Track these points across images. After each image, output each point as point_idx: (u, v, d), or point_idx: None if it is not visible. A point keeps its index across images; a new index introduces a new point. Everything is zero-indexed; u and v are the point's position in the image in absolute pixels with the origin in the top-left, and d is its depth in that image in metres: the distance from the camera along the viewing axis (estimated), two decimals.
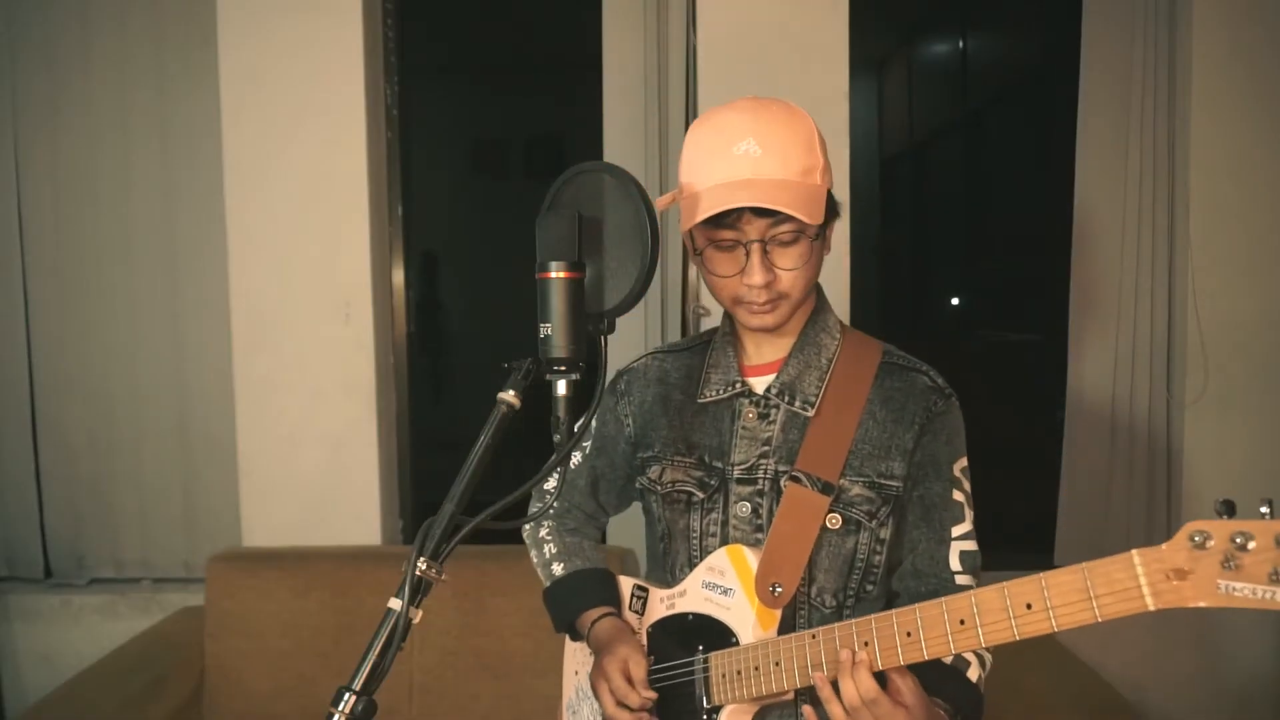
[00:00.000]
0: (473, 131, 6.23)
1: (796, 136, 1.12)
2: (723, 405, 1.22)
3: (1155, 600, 0.79)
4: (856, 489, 1.16)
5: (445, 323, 6.11)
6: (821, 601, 1.18)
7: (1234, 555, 0.75)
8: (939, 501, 1.19)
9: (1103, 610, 0.83)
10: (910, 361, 1.24)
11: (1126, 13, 2.41)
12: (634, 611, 1.27)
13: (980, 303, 5.67)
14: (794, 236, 1.11)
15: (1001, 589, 0.91)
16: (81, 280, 2.57)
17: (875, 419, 1.18)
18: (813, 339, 1.22)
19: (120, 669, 2.09)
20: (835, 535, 1.16)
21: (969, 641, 0.93)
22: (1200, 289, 2.37)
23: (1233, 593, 0.75)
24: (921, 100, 6.12)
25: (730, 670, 1.12)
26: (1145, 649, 2.43)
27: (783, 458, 1.17)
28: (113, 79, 2.50)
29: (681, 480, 1.22)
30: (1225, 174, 2.37)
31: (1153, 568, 0.79)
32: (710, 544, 1.21)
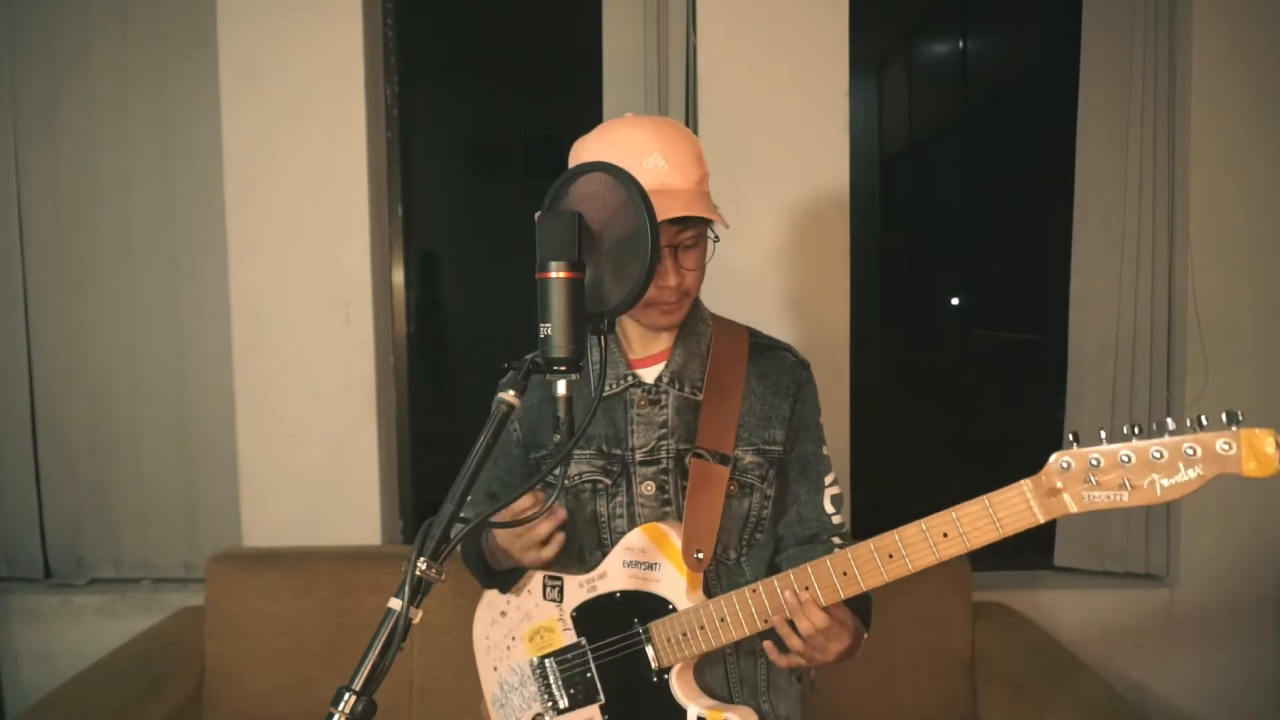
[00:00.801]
0: (473, 131, 6.23)
1: (691, 150, 1.25)
2: (614, 398, 1.33)
3: (1043, 514, 1.02)
4: (749, 457, 1.33)
5: (445, 323, 6.11)
6: (727, 556, 1.34)
7: (1091, 473, 0.98)
8: (812, 458, 1.40)
9: (1004, 528, 1.04)
10: (773, 341, 1.43)
11: (1126, 13, 2.40)
12: (550, 600, 1.36)
13: (980, 303, 5.66)
14: (695, 240, 1.26)
15: (920, 525, 1.10)
16: (81, 280, 2.56)
17: (755, 394, 1.35)
18: (692, 329, 1.36)
19: (120, 669, 2.09)
20: (734, 499, 1.33)
21: (899, 571, 1.12)
22: (1200, 289, 2.37)
23: (1094, 500, 0.98)
24: (921, 100, 6.11)
25: (675, 634, 1.26)
26: (1145, 649, 2.44)
27: (681, 437, 1.32)
28: (113, 79, 2.50)
29: (586, 471, 1.33)
30: (1225, 174, 2.37)
31: (1037, 491, 1.02)
32: (618, 524, 1.33)
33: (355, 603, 2.17)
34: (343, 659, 2.11)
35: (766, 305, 2.33)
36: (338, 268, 2.36)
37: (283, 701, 2.16)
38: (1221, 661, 2.44)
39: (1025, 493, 1.02)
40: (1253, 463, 0.90)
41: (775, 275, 2.33)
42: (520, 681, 1.41)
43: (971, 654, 2.16)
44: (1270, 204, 2.38)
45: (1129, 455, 0.95)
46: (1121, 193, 2.44)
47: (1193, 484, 0.93)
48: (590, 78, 2.49)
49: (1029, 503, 1.02)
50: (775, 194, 2.31)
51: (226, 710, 2.18)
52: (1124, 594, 2.46)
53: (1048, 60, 4.05)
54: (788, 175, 2.31)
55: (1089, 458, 0.97)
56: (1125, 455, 0.95)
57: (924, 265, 6.35)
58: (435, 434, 3.22)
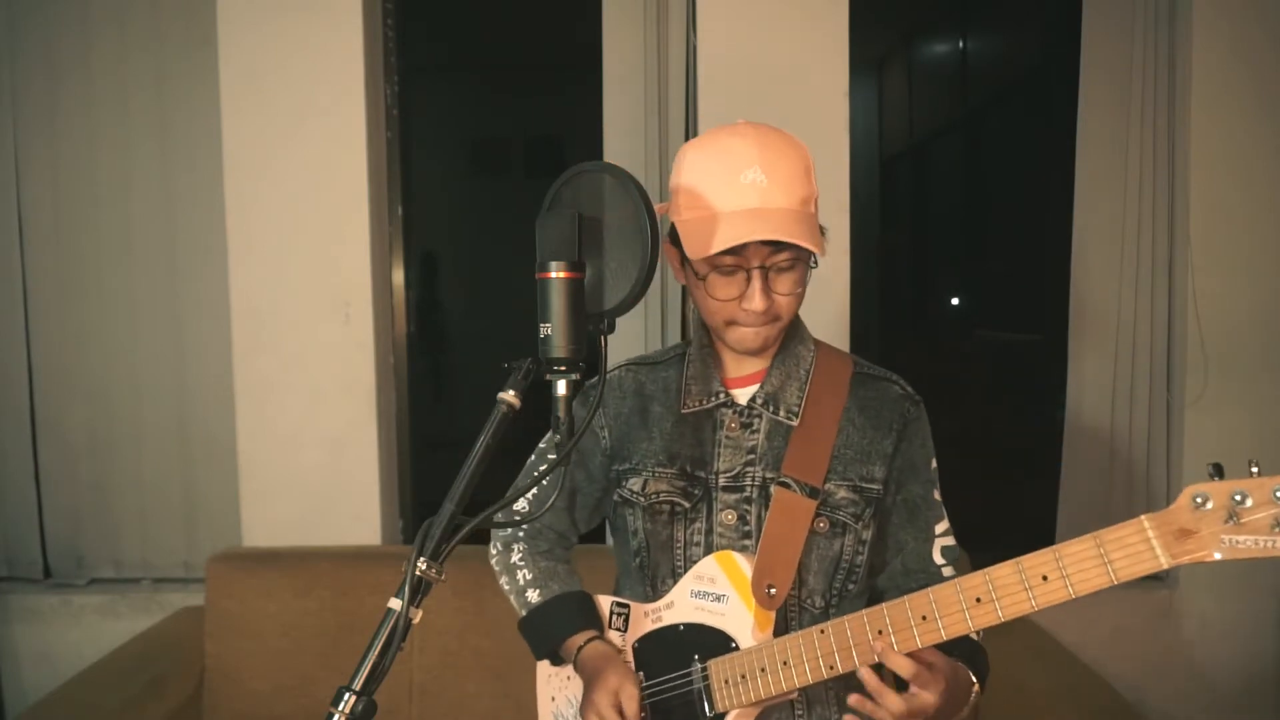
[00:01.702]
0: (473, 131, 6.23)
1: (797, 166, 1.15)
2: (704, 416, 1.24)
3: (1167, 558, 0.85)
4: (842, 492, 1.20)
5: (445, 323, 6.11)
6: (811, 603, 1.21)
7: (1235, 511, 0.81)
8: (921, 503, 1.25)
9: (1118, 573, 0.88)
10: (880, 371, 1.31)
11: (1126, 13, 2.41)
12: (615, 629, 1.27)
13: (980, 303, 5.67)
14: (791, 263, 1.16)
15: (1017, 563, 0.94)
16: (81, 280, 2.57)
17: (855, 425, 1.23)
18: (792, 351, 1.26)
19: (120, 669, 2.09)
20: (822, 538, 1.20)
21: (987, 618, 0.96)
22: (1200, 289, 2.37)
23: (1237, 545, 0.81)
24: (921, 100, 6.11)
25: (733, 675, 1.13)
26: (1146, 649, 2.44)
27: (769, 465, 1.21)
28: (113, 79, 2.50)
29: (666, 491, 1.23)
30: (1225, 174, 2.37)
31: (1161, 529, 0.85)
32: (695, 553, 1.22)
33: (355, 603, 2.17)
34: (343, 659, 2.11)
35: None
36: (338, 268, 2.36)
37: (283, 701, 2.16)
38: (1221, 662, 2.44)
39: (1147, 532, 0.86)
40: None
41: None
42: (574, 716, 1.30)
43: None
44: (1270, 204, 2.38)
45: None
46: (1121, 193, 2.44)
47: None
48: (590, 78, 2.49)
49: (1152, 545, 0.86)
50: None
51: (226, 710, 2.18)
52: (1124, 594, 2.45)
53: (1048, 60, 4.06)
54: None
55: (1232, 493, 0.82)
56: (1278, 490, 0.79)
57: (924, 265, 6.35)
58: (435, 434, 3.22)
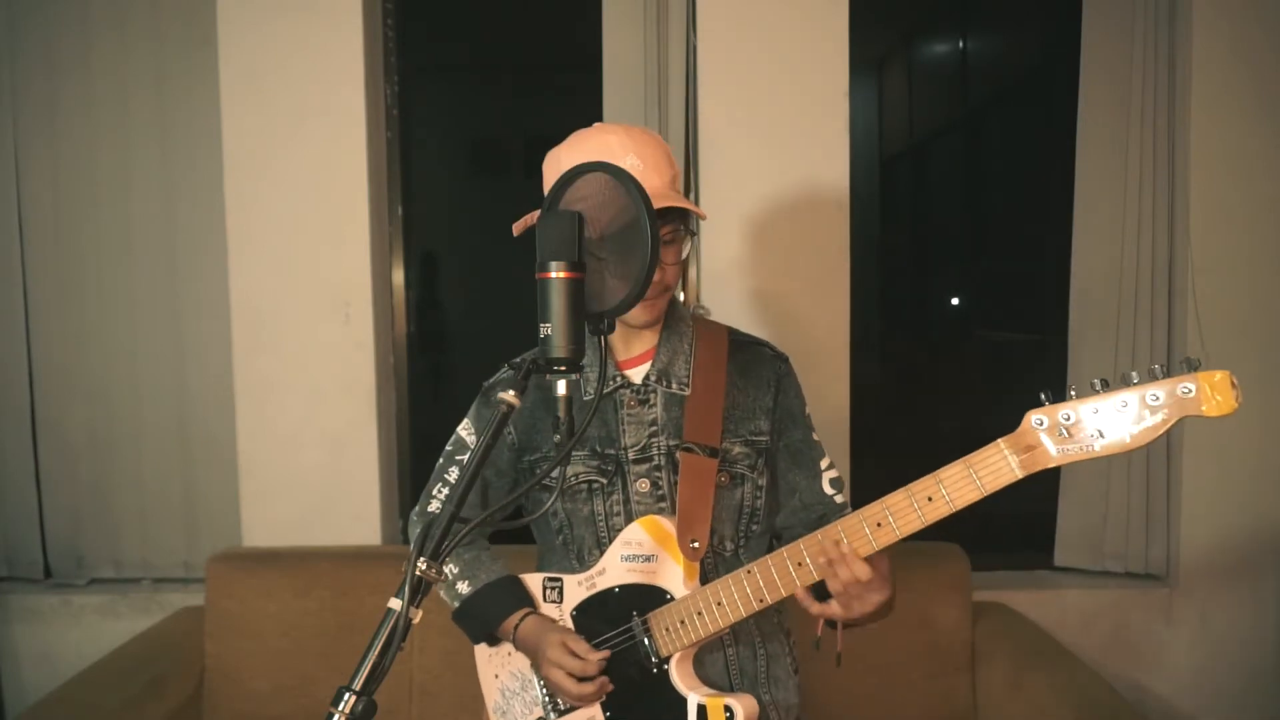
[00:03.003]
0: (473, 131, 6.23)
1: (661, 150, 1.31)
2: (604, 399, 1.37)
3: (1021, 469, 1.05)
4: (737, 448, 1.36)
5: (445, 323, 6.11)
6: (724, 548, 1.37)
7: (1064, 427, 1.03)
8: (803, 445, 1.42)
9: (986, 486, 1.07)
10: (750, 337, 1.46)
11: (1126, 13, 2.40)
12: (551, 602, 1.39)
13: (980, 303, 5.67)
14: (673, 235, 1.30)
15: (907, 490, 1.13)
16: (81, 280, 2.56)
17: (738, 388, 1.39)
18: (675, 328, 1.40)
19: (120, 669, 2.09)
20: (725, 490, 1.35)
21: (888, 538, 1.14)
22: (1200, 289, 2.37)
23: (1068, 451, 1.03)
24: (921, 100, 6.11)
25: (673, 623, 1.28)
26: (1146, 649, 2.44)
27: (671, 433, 1.35)
28: (113, 79, 2.50)
29: (583, 471, 1.36)
30: (1225, 174, 2.36)
31: (1013, 447, 1.06)
32: (615, 523, 1.35)
33: (355, 603, 2.17)
34: (343, 659, 2.11)
35: (766, 305, 2.33)
36: (338, 268, 2.36)
37: (283, 701, 2.16)
38: (1221, 661, 2.44)
39: (1003, 450, 1.06)
40: (1212, 402, 0.98)
41: (775, 275, 2.33)
42: (521, 686, 1.41)
43: (971, 654, 2.16)
44: (1270, 204, 2.38)
45: (1097, 408, 1.01)
46: (1121, 193, 2.44)
47: (1159, 428, 0.99)
48: (590, 78, 2.49)
49: (1007, 460, 1.06)
50: (775, 194, 2.31)
51: (226, 710, 2.18)
52: (1124, 594, 2.46)
53: (1048, 60, 4.06)
54: (788, 175, 2.31)
55: (1060, 413, 1.03)
56: (1094, 408, 1.01)
57: (924, 265, 6.35)
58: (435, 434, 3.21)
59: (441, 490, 1.47)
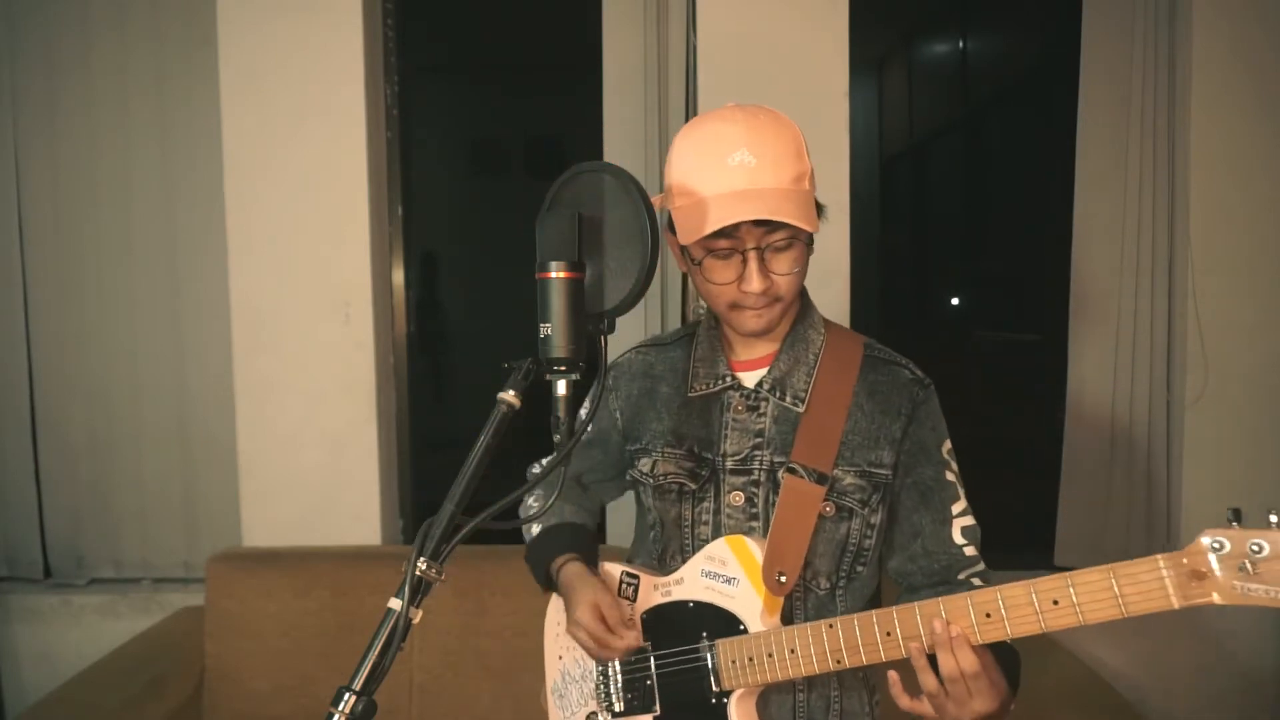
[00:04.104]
0: (473, 131, 6.23)
1: (787, 144, 1.15)
2: (711, 399, 1.26)
3: (1179, 599, 0.88)
4: (849, 478, 1.21)
5: (445, 323, 6.11)
6: (817, 585, 1.23)
7: (1250, 560, 0.83)
8: (934, 485, 1.24)
9: (1129, 608, 0.91)
10: (890, 355, 1.29)
11: (1126, 13, 2.41)
12: (624, 598, 1.30)
13: (980, 303, 5.67)
14: (788, 242, 1.16)
15: (1030, 585, 0.99)
16: (81, 280, 2.57)
17: (863, 411, 1.23)
18: (801, 335, 1.27)
19: (120, 669, 2.09)
20: (829, 522, 1.20)
21: (995, 634, 1.01)
22: (1200, 289, 2.37)
23: (1249, 594, 0.83)
24: (921, 100, 6.12)
25: (741, 657, 1.16)
26: (1145, 649, 2.43)
27: (777, 449, 1.22)
28: (113, 79, 2.50)
29: (673, 472, 1.26)
30: (1225, 174, 2.36)
31: (1176, 570, 0.88)
32: (702, 532, 1.25)
33: (355, 603, 2.17)
34: (343, 659, 2.10)
35: None
36: (338, 268, 2.36)
37: (283, 701, 2.16)
38: (1222, 662, 2.44)
39: (1161, 570, 0.88)
40: None
41: None
42: (582, 675, 1.35)
43: None
44: (1270, 204, 2.37)
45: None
46: (1121, 193, 2.44)
47: None
48: (590, 78, 2.49)
49: (1165, 583, 0.88)
50: None
51: (226, 710, 2.18)
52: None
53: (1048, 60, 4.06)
54: None
55: (1249, 543, 0.83)
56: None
57: (924, 265, 6.35)
58: (435, 434, 3.22)
59: None
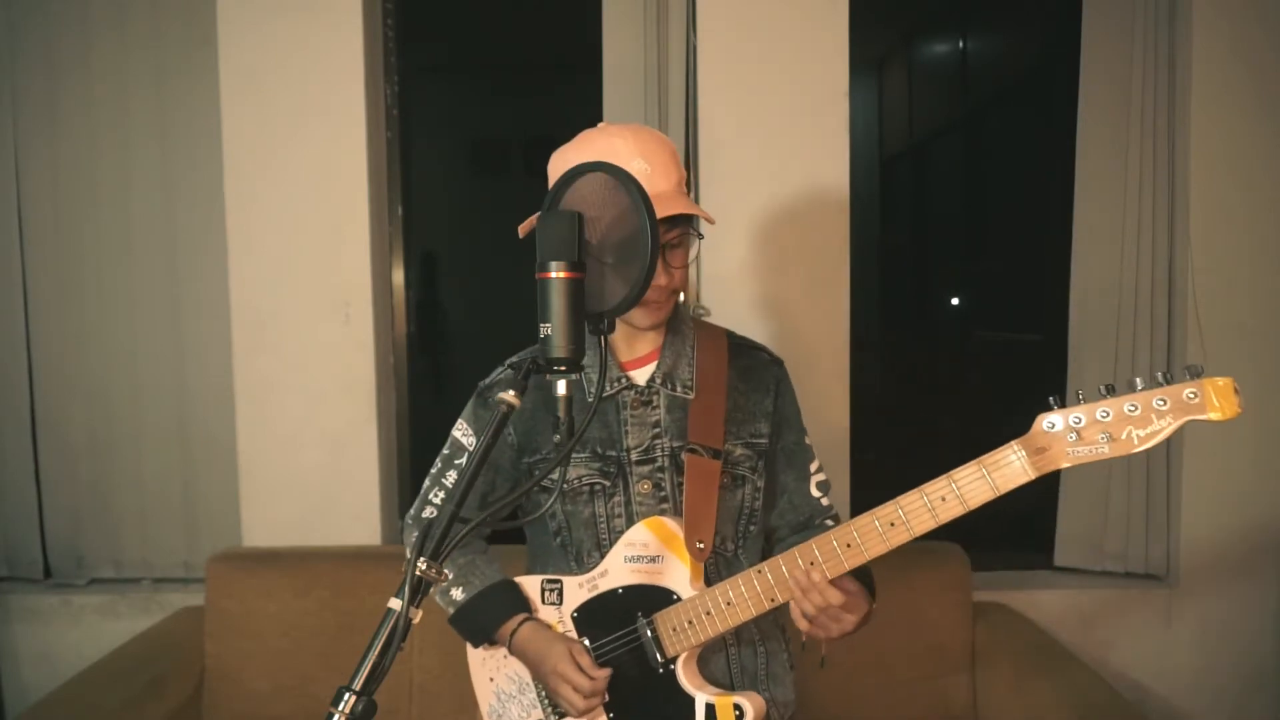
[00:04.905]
0: (473, 131, 6.22)
1: (668, 153, 1.30)
2: (607, 400, 1.37)
3: (1034, 470, 1.09)
4: (739, 450, 1.38)
5: (445, 323, 6.11)
6: (725, 548, 1.38)
7: (1074, 430, 1.07)
8: (795, 448, 1.45)
9: (999, 485, 1.11)
10: (749, 341, 1.49)
11: (1126, 13, 2.41)
12: (549, 604, 1.38)
13: (980, 303, 5.66)
14: (680, 239, 1.30)
15: (920, 491, 1.15)
16: (81, 280, 2.56)
17: (739, 390, 1.41)
18: (678, 330, 1.40)
19: (120, 669, 2.09)
20: (726, 491, 1.36)
21: (901, 537, 1.16)
22: (1200, 289, 2.37)
23: (1078, 454, 1.07)
24: (921, 100, 6.11)
25: (680, 623, 1.28)
26: (1145, 649, 2.44)
27: (674, 435, 1.35)
28: (113, 79, 2.50)
29: (585, 474, 1.36)
30: (1225, 174, 2.37)
31: (1026, 448, 1.10)
32: (616, 524, 1.35)
33: (355, 603, 2.17)
34: (343, 659, 2.11)
35: (766, 305, 2.33)
36: (338, 268, 2.36)
37: (283, 701, 2.16)
38: (1221, 661, 2.44)
39: (1016, 451, 1.11)
40: (1215, 407, 1.03)
41: (775, 275, 2.33)
42: (518, 689, 1.40)
43: (971, 654, 2.16)
44: (1270, 204, 2.38)
45: (1106, 412, 1.06)
46: (1121, 193, 2.44)
47: (1164, 431, 1.04)
48: (590, 78, 2.49)
49: (1019, 461, 1.10)
50: (775, 194, 2.31)
51: (226, 710, 2.18)
52: (1124, 594, 2.46)
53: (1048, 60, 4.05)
54: (788, 175, 2.31)
55: (1070, 416, 1.08)
56: (1103, 412, 1.06)
57: (924, 265, 6.34)
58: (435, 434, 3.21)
59: (438, 495, 1.45)
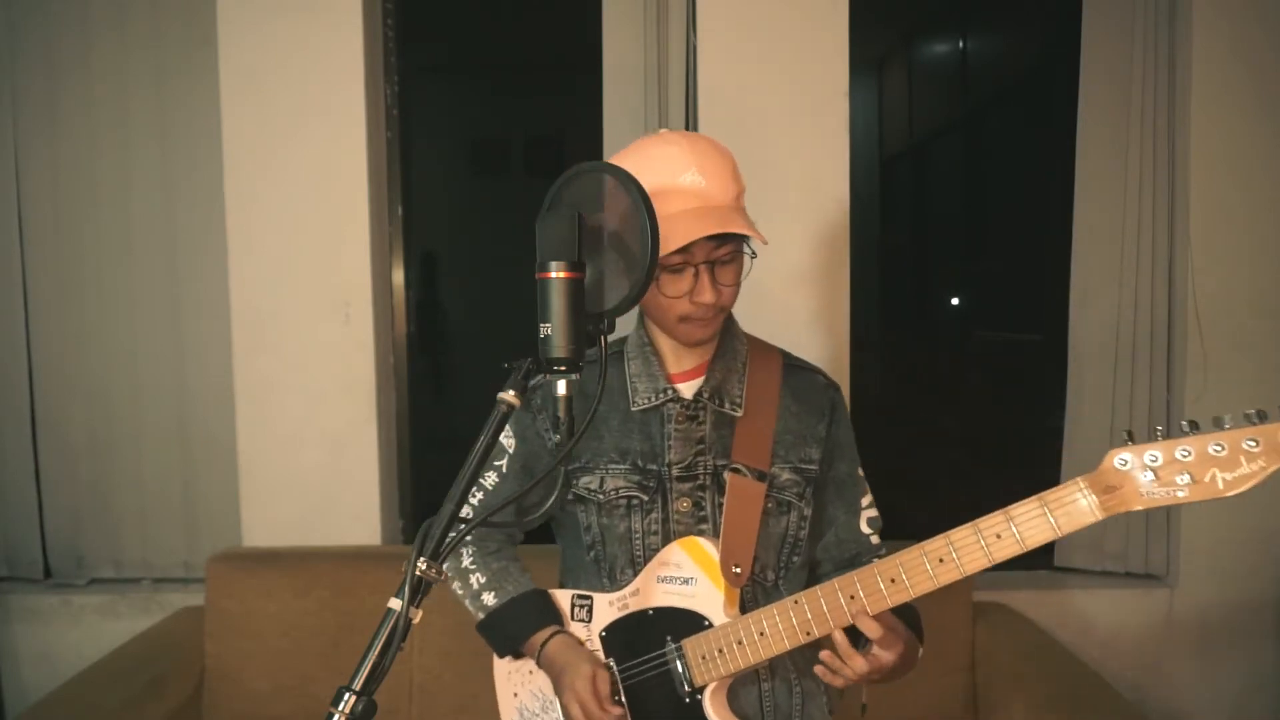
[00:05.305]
0: (473, 131, 6.23)
1: (727, 165, 1.25)
2: (651, 412, 1.31)
3: (1101, 511, 1.00)
4: (785, 474, 1.31)
5: (445, 323, 6.11)
6: (764, 577, 1.31)
7: (1148, 470, 0.97)
8: (847, 480, 1.38)
9: (1061, 527, 1.02)
10: (804, 362, 1.42)
11: (1126, 13, 2.40)
12: (579, 621, 1.32)
13: (980, 303, 5.66)
14: (732, 256, 1.25)
15: (973, 525, 1.07)
16: (81, 280, 2.56)
17: (790, 412, 1.34)
18: (730, 346, 1.35)
19: (120, 669, 2.09)
20: (771, 517, 1.29)
21: (950, 575, 1.08)
22: (1200, 289, 2.37)
23: (1153, 496, 0.97)
24: (921, 100, 6.11)
25: (710, 651, 1.21)
26: (1145, 649, 2.44)
27: (719, 453, 1.29)
28: (113, 79, 2.50)
29: (623, 486, 1.30)
30: (1225, 174, 2.36)
31: (1094, 487, 1.00)
32: (653, 542, 1.29)
33: (355, 603, 2.17)
34: (343, 659, 2.11)
35: (766, 305, 2.33)
36: (338, 268, 2.36)
37: (283, 701, 2.16)
38: (1221, 661, 2.44)
39: (1081, 489, 1.00)
40: None
41: (775, 275, 2.33)
42: (542, 707, 1.34)
43: (971, 654, 2.16)
44: (1270, 204, 2.37)
45: (1187, 450, 0.94)
46: (1121, 193, 2.44)
47: (1254, 476, 0.92)
48: (590, 78, 2.49)
49: (1085, 500, 1.00)
50: (775, 194, 2.31)
51: (226, 710, 2.18)
52: (1124, 594, 2.46)
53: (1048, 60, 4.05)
54: (788, 175, 2.31)
55: (1146, 454, 0.97)
56: (1183, 451, 0.94)
57: (924, 265, 6.35)
58: (435, 434, 3.22)
59: (476, 494, 1.39)
